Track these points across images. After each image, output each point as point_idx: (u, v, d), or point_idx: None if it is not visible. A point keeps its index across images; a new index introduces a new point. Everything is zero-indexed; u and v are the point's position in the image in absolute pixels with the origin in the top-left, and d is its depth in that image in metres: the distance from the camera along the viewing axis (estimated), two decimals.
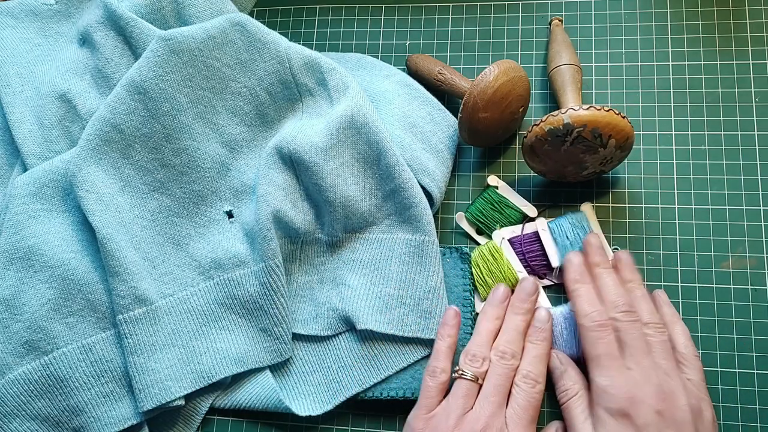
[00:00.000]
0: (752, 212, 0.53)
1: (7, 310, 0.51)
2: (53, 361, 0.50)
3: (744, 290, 0.51)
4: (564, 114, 0.47)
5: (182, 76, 0.52)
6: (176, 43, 0.51)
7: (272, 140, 0.54)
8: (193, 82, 0.52)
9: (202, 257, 0.55)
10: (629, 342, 0.44)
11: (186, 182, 0.55)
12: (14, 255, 0.52)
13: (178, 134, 0.53)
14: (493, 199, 0.55)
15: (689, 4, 0.59)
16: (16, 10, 0.62)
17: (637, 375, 0.43)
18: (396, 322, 0.51)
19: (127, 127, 0.52)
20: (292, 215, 0.53)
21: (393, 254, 0.52)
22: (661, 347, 0.45)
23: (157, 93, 0.52)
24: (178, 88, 0.52)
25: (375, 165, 0.53)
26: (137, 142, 0.53)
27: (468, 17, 0.62)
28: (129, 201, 0.53)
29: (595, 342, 0.44)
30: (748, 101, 0.55)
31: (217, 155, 0.55)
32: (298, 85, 0.55)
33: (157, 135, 0.53)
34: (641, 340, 0.44)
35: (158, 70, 0.51)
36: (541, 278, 0.53)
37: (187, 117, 0.52)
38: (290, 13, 0.66)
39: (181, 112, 0.52)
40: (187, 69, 0.52)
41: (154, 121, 0.52)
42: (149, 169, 0.54)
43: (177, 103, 0.52)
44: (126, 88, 0.52)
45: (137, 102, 0.52)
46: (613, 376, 0.43)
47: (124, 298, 0.50)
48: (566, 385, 0.46)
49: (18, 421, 0.50)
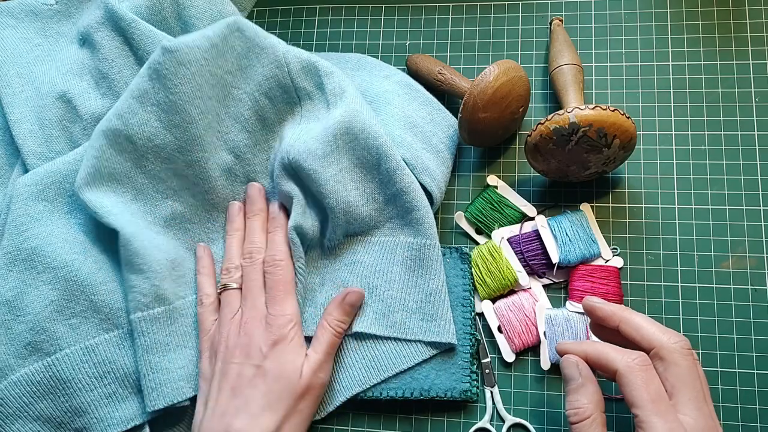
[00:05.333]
0: (752, 212, 0.53)
1: (9, 312, 0.51)
2: (56, 363, 0.50)
3: (744, 290, 0.51)
4: (570, 113, 0.47)
5: (192, 88, 0.51)
6: (183, 55, 0.50)
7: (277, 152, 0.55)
8: (202, 92, 0.52)
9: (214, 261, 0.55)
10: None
11: (198, 191, 0.55)
12: (17, 256, 0.52)
13: (190, 146, 0.52)
14: (493, 198, 0.55)
15: (689, 4, 0.59)
16: (17, 10, 0.62)
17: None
18: (398, 326, 0.51)
19: (139, 138, 0.52)
20: (302, 222, 0.53)
21: (395, 257, 0.53)
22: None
23: (168, 105, 0.51)
24: (189, 100, 0.51)
25: (375, 170, 0.53)
26: (150, 152, 0.52)
27: (468, 17, 0.62)
28: (142, 208, 0.54)
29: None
30: (748, 101, 0.55)
31: (224, 163, 0.55)
32: (297, 89, 0.55)
33: (170, 146, 0.52)
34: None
35: (168, 82, 0.50)
36: (540, 277, 0.53)
37: (198, 128, 0.52)
38: (290, 13, 0.66)
39: (192, 124, 0.52)
40: (197, 80, 0.51)
41: (167, 132, 0.52)
42: (162, 177, 0.54)
43: (188, 115, 0.51)
44: (138, 99, 0.51)
45: (149, 113, 0.51)
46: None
47: (146, 296, 0.50)
48: (580, 402, 0.41)
49: (21, 422, 0.50)
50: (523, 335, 0.51)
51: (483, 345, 0.53)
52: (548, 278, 0.53)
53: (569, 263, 0.52)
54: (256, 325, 0.49)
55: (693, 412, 0.38)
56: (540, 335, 0.51)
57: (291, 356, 0.48)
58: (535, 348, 0.52)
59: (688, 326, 0.51)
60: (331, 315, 0.51)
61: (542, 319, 0.51)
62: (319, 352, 0.50)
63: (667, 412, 0.38)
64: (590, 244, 0.52)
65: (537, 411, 0.51)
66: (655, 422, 0.37)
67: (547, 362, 0.51)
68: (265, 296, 0.51)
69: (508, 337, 0.52)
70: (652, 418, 0.37)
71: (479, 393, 0.52)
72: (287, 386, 0.47)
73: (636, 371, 0.39)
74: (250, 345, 0.48)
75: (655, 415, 0.37)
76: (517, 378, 0.52)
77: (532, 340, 0.51)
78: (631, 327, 0.42)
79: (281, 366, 0.48)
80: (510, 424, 0.51)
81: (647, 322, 0.42)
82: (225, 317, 0.51)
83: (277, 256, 0.52)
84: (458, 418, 0.52)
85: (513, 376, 0.52)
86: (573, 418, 0.41)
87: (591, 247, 0.52)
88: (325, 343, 0.50)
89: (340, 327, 0.51)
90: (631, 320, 0.42)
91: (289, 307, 0.50)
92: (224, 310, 0.51)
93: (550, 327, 0.51)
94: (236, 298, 0.51)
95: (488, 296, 0.53)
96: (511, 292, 0.53)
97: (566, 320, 0.51)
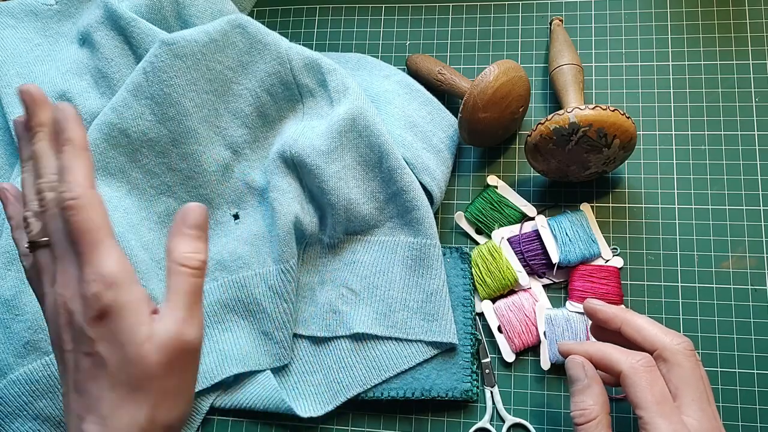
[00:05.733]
0: (752, 212, 0.53)
1: (8, 311, 0.51)
2: (54, 362, 0.50)
3: (744, 290, 0.51)
4: (570, 113, 0.47)
5: (186, 80, 0.51)
6: (179, 48, 0.51)
7: (276, 145, 0.54)
8: (197, 86, 0.52)
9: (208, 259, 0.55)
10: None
11: (193, 186, 0.55)
12: (15, 255, 0.52)
13: (184, 139, 0.53)
14: (493, 198, 0.55)
15: (689, 4, 0.59)
16: (17, 10, 0.62)
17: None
18: (399, 326, 0.51)
19: (133, 132, 0.52)
20: (301, 217, 0.53)
21: (395, 257, 0.52)
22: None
23: (162, 98, 0.51)
24: (183, 93, 0.51)
25: (377, 168, 0.53)
26: (144, 146, 0.53)
27: (468, 17, 0.62)
28: (136, 203, 0.54)
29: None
30: (748, 101, 0.55)
31: (221, 158, 0.55)
32: (299, 86, 0.55)
33: (164, 140, 0.53)
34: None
35: (162, 75, 0.51)
36: (540, 277, 0.53)
37: (193, 122, 0.52)
38: (290, 13, 0.66)
39: (186, 116, 0.52)
40: (192, 73, 0.52)
41: (161, 125, 0.52)
42: (156, 172, 0.54)
43: (183, 108, 0.52)
44: (132, 92, 0.52)
45: (143, 107, 0.52)
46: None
47: None
48: (586, 403, 0.40)
49: (20, 421, 0.50)
50: (523, 335, 0.51)
51: (483, 345, 0.53)
52: (548, 278, 0.53)
53: (569, 263, 0.52)
54: (73, 296, 0.34)
55: (696, 413, 0.38)
56: (540, 335, 0.51)
57: (128, 330, 0.34)
58: (535, 348, 0.52)
59: (688, 326, 0.51)
60: (176, 250, 0.36)
61: (542, 319, 0.51)
62: (176, 306, 0.35)
63: (672, 414, 0.38)
64: (590, 244, 0.52)
65: (537, 411, 0.51)
66: (659, 424, 0.37)
67: (547, 362, 0.50)
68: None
69: (508, 337, 0.52)
70: (656, 419, 0.37)
71: (479, 393, 0.52)
72: (138, 370, 0.34)
73: (640, 372, 0.39)
74: (73, 326, 0.34)
75: (659, 417, 0.37)
76: (517, 378, 0.52)
77: (532, 340, 0.51)
78: (633, 329, 0.42)
79: (119, 348, 0.34)
80: (510, 424, 0.51)
81: (649, 323, 0.42)
82: (45, 287, 0.36)
83: (72, 191, 0.34)
84: (458, 418, 0.52)
85: (513, 376, 0.52)
86: (578, 420, 0.40)
87: (591, 247, 0.52)
88: (182, 290, 0.35)
89: (193, 260, 0.36)
90: (633, 322, 0.42)
91: (105, 262, 0.34)
92: (43, 278, 0.36)
93: (550, 327, 0.51)
94: (49, 259, 0.36)
95: (488, 296, 0.53)
96: (511, 292, 0.53)
97: (566, 320, 0.51)
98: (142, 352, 0.34)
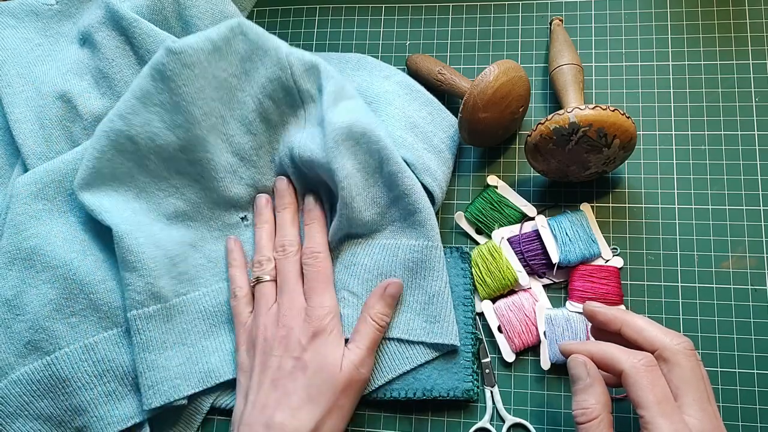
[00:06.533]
0: (752, 212, 0.53)
1: (9, 311, 0.51)
2: (55, 361, 0.50)
3: (744, 290, 0.51)
4: (570, 113, 0.47)
5: (195, 89, 0.51)
6: (187, 57, 0.50)
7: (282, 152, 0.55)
8: (204, 94, 0.52)
9: (217, 259, 0.55)
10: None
11: (200, 189, 0.55)
12: (16, 255, 0.52)
13: (193, 147, 0.52)
14: (493, 198, 0.55)
15: (689, 4, 0.59)
16: (17, 10, 0.62)
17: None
18: (402, 327, 0.51)
19: (141, 139, 0.51)
20: None
21: (397, 260, 0.52)
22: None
23: (171, 106, 0.51)
24: (192, 101, 0.51)
25: (377, 173, 0.53)
26: (152, 153, 0.52)
27: (468, 17, 0.62)
28: (145, 206, 0.54)
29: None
30: (748, 101, 0.55)
31: (229, 165, 0.55)
32: (300, 91, 0.55)
33: (172, 146, 0.52)
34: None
35: (171, 84, 0.50)
36: (540, 277, 0.53)
37: (201, 130, 0.52)
38: (290, 13, 0.66)
39: (195, 125, 0.52)
40: (199, 81, 0.51)
41: (170, 132, 0.52)
42: (164, 176, 0.54)
43: (191, 116, 0.51)
44: (140, 99, 0.51)
45: (152, 114, 0.51)
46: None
47: (140, 293, 0.50)
48: (588, 402, 0.40)
49: (21, 421, 0.50)
50: (523, 335, 0.51)
51: (483, 345, 0.53)
52: (548, 278, 0.53)
53: (569, 263, 0.52)
54: (295, 317, 0.49)
55: (698, 413, 0.38)
56: (540, 335, 0.51)
57: (331, 349, 0.48)
58: (535, 348, 0.52)
59: (688, 326, 0.51)
60: (373, 308, 0.50)
61: (542, 319, 0.51)
62: (361, 346, 0.49)
63: (673, 414, 0.38)
64: (590, 244, 0.52)
65: (537, 411, 0.51)
66: (660, 423, 0.37)
67: (547, 362, 0.51)
68: (303, 288, 0.51)
69: (508, 337, 0.52)
70: (657, 419, 0.37)
71: (479, 393, 0.52)
72: (328, 380, 0.47)
73: (642, 372, 0.39)
74: (289, 337, 0.48)
75: (660, 417, 0.37)
76: (517, 378, 0.52)
77: (532, 340, 0.51)
78: (633, 330, 0.42)
79: (321, 359, 0.47)
80: (510, 424, 0.51)
81: (649, 324, 0.42)
82: (261, 309, 0.50)
83: (316, 248, 0.52)
84: (458, 418, 0.52)
85: (513, 376, 0.52)
86: (580, 419, 0.40)
87: (591, 247, 0.52)
88: (367, 337, 0.49)
89: (382, 320, 0.50)
90: (633, 323, 0.42)
91: (328, 299, 0.50)
92: (260, 302, 0.51)
93: (550, 327, 0.51)
94: (271, 291, 0.51)
95: (488, 296, 0.53)
96: (511, 292, 0.53)
97: (566, 320, 0.51)
98: (335, 367, 0.47)
